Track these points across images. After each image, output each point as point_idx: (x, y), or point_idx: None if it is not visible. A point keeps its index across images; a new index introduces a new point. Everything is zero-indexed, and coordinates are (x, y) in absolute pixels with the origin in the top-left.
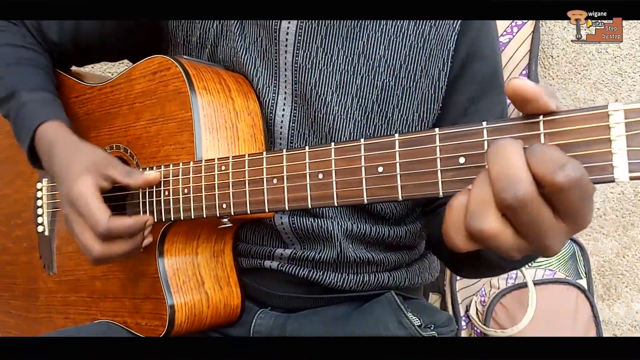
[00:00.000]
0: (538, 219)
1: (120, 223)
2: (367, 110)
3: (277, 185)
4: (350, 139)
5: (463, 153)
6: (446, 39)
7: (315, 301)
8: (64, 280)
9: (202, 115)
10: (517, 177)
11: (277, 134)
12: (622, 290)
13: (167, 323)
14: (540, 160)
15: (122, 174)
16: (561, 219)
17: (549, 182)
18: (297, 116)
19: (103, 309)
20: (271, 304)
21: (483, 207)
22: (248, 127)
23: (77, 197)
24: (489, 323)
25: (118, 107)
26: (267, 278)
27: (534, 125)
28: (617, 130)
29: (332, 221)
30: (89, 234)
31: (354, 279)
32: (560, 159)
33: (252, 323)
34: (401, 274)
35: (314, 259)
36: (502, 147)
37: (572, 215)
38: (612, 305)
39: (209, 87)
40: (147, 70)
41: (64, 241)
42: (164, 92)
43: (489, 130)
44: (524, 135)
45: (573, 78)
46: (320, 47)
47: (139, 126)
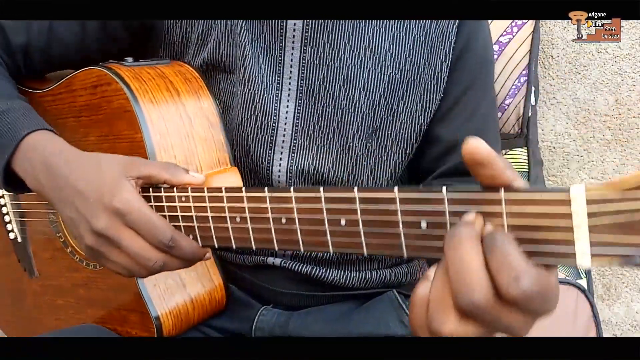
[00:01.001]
0: (498, 319)
1: (187, 242)
2: (375, 103)
3: (240, 225)
4: (358, 132)
5: (424, 218)
6: (447, 31)
7: (317, 299)
8: (48, 284)
9: (152, 134)
10: (474, 283)
11: (281, 130)
12: (622, 290)
13: (155, 334)
14: (498, 265)
15: (159, 168)
16: (522, 316)
17: (504, 293)
18: (301, 112)
19: (93, 314)
20: (274, 301)
21: (442, 309)
22: (204, 130)
23: (128, 205)
24: None
25: (64, 118)
26: (270, 275)
27: (495, 200)
28: (578, 217)
29: None
30: (143, 241)
31: (356, 276)
32: (517, 268)
33: (255, 320)
34: (402, 270)
35: (317, 257)
36: (458, 244)
37: (533, 314)
38: (612, 305)
39: (156, 99)
40: (87, 82)
41: (40, 247)
42: (109, 109)
43: (450, 200)
44: (485, 212)
45: (573, 78)
46: (327, 43)
47: (90, 142)
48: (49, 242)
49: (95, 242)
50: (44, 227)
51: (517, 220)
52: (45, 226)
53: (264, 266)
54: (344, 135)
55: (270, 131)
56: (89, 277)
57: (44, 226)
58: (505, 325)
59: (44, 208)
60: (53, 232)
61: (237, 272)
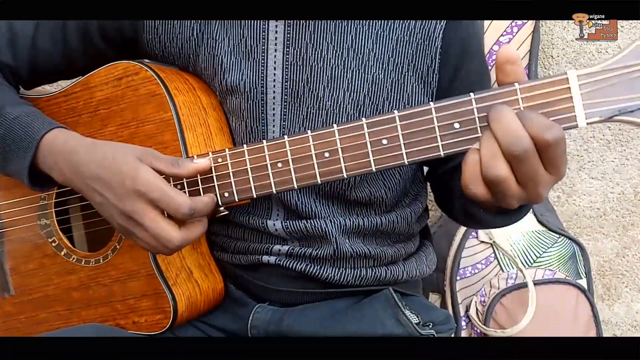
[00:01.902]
0: (534, 168)
1: (201, 200)
2: (360, 103)
3: (283, 168)
4: None
5: (457, 120)
6: (433, 36)
7: (313, 296)
8: (27, 300)
9: (181, 114)
10: (520, 135)
11: (270, 133)
12: (622, 290)
13: (171, 315)
14: (532, 123)
15: (167, 164)
16: (548, 170)
17: (541, 139)
18: (287, 114)
19: (86, 317)
20: (269, 298)
21: (495, 159)
22: (216, 121)
23: (147, 185)
24: (489, 323)
25: (76, 116)
26: (265, 273)
27: (511, 92)
28: (574, 90)
29: (325, 220)
30: (165, 223)
31: (351, 274)
32: (547, 122)
33: (250, 318)
34: (398, 267)
35: (312, 255)
36: (502, 112)
37: (556, 166)
38: (612, 305)
39: (180, 88)
40: (110, 76)
41: (21, 260)
42: (134, 97)
43: (476, 99)
44: (506, 101)
45: None
46: (310, 43)
47: (107, 132)
48: (36, 250)
49: (125, 222)
50: (32, 235)
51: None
52: (34, 233)
53: (259, 265)
54: None
55: (260, 134)
56: (88, 276)
57: (32, 233)
58: (538, 178)
59: (34, 212)
60: (43, 238)
61: (234, 271)
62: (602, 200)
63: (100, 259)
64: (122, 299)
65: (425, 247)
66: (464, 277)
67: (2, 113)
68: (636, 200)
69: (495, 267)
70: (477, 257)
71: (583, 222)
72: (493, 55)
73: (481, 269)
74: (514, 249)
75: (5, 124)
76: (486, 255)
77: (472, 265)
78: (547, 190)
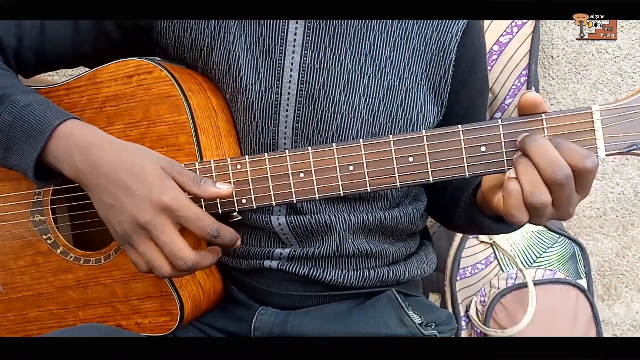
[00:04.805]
0: (571, 192)
1: (227, 228)
2: (374, 109)
3: (305, 179)
4: (357, 137)
5: (484, 143)
6: (448, 49)
7: (316, 299)
8: (16, 297)
9: (196, 117)
10: (562, 163)
11: (282, 134)
12: (622, 290)
13: (178, 317)
14: (571, 152)
15: (190, 180)
16: (578, 192)
17: (582, 167)
18: (301, 116)
19: (84, 317)
20: (272, 302)
21: (538, 186)
22: (225, 123)
23: (177, 202)
24: (489, 323)
25: (80, 110)
26: (267, 277)
27: (537, 122)
28: (597, 123)
29: (330, 215)
30: (181, 241)
31: (354, 275)
32: (584, 151)
33: (253, 320)
34: (400, 267)
35: (314, 255)
36: (541, 142)
37: (588, 187)
38: (612, 305)
39: (192, 89)
40: (120, 73)
41: (10, 257)
42: (146, 96)
43: (504, 126)
44: (531, 129)
45: (573, 78)
46: (329, 47)
47: (114, 130)
48: (29, 246)
49: (132, 231)
50: (24, 231)
51: (554, 131)
52: (27, 229)
53: (261, 269)
54: (343, 139)
55: (271, 134)
56: (87, 275)
57: (24, 229)
58: (572, 199)
59: (26, 207)
60: (37, 235)
61: (236, 275)
62: (602, 200)
63: (101, 258)
64: (124, 299)
65: (425, 246)
66: (464, 277)
67: (12, 99)
68: (636, 200)
69: (495, 267)
70: (477, 257)
71: (583, 222)
72: (493, 56)
73: (481, 269)
74: (514, 249)
75: (15, 110)
76: (486, 255)
77: (472, 265)
78: (574, 208)
